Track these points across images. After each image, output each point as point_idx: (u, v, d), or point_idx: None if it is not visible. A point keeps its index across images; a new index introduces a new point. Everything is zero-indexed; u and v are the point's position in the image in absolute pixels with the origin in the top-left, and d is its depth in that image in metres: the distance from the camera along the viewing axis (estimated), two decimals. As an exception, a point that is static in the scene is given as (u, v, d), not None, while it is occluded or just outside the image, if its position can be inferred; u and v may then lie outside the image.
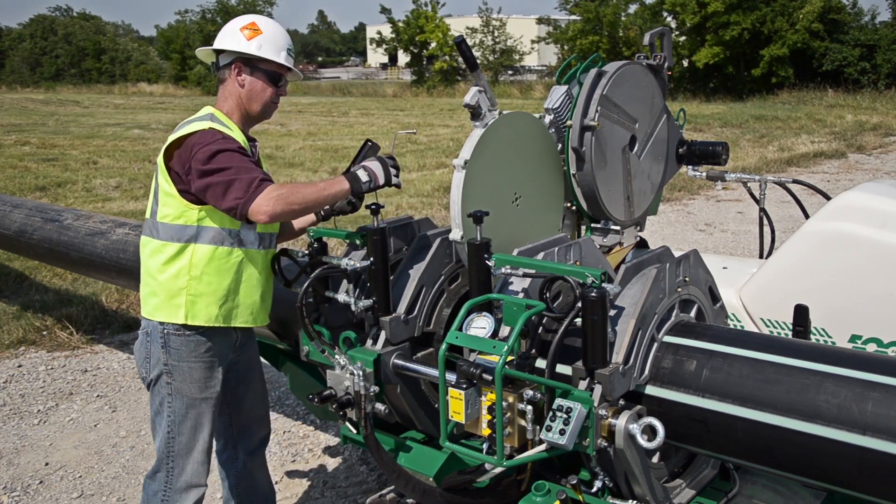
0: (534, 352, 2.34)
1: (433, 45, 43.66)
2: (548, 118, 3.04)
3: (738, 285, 3.27)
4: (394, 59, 61.59)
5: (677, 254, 2.50)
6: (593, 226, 3.22)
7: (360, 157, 2.84)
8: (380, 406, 2.65)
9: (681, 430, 2.26)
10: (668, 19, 33.64)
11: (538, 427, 2.14)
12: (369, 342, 2.72)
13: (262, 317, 2.89)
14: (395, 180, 2.74)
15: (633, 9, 35.81)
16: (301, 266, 2.86)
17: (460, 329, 2.24)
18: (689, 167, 3.70)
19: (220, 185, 2.53)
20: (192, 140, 2.60)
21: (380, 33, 48.89)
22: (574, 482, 2.34)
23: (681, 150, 3.55)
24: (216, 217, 2.66)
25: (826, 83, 29.74)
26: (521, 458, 2.19)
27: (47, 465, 4.26)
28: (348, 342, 2.71)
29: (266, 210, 2.49)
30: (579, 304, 2.17)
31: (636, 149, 3.24)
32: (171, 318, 2.70)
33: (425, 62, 45.20)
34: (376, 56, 71.11)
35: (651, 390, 2.29)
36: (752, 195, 4.00)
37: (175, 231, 2.68)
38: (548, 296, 2.26)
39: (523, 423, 2.16)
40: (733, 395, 2.17)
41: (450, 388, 2.19)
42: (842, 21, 31.78)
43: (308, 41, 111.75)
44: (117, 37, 61.56)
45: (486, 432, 2.17)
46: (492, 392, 2.13)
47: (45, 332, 6.20)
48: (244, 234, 2.74)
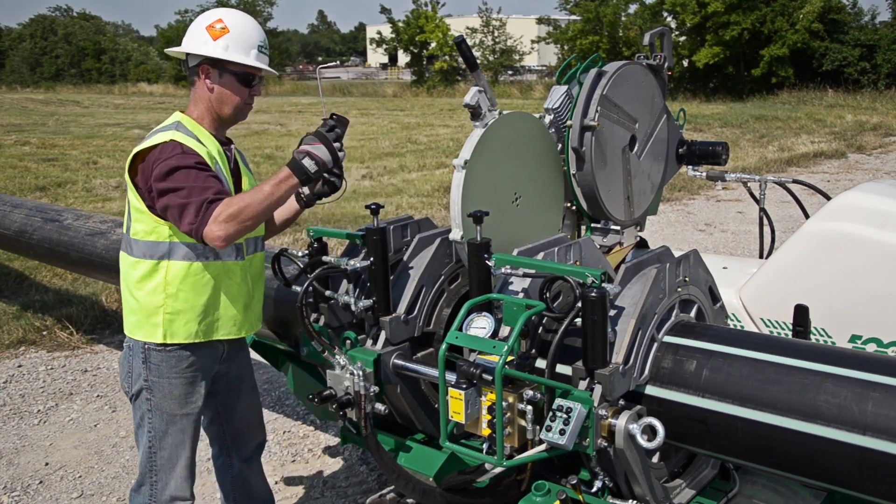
0: (534, 352, 2.34)
1: (433, 45, 43.66)
2: (548, 118, 3.04)
3: (738, 285, 3.27)
4: (394, 59, 61.60)
5: (677, 254, 2.50)
6: (593, 226, 3.22)
7: (330, 132, 2.57)
8: (380, 406, 2.65)
9: (681, 430, 2.26)
10: (668, 19, 33.64)
11: (538, 427, 2.14)
12: (369, 342, 2.72)
13: (248, 326, 2.81)
14: (341, 154, 2.54)
15: (633, 9, 35.85)
16: (301, 266, 2.86)
17: (460, 329, 2.24)
18: (689, 167, 3.71)
19: (176, 208, 2.46)
20: (152, 155, 2.51)
21: (380, 33, 48.90)
22: (574, 482, 2.34)
23: (681, 150, 3.56)
24: None
25: (826, 83, 29.74)
26: (521, 458, 2.19)
27: (47, 465, 4.26)
28: (348, 342, 2.71)
29: (219, 235, 2.40)
30: (579, 304, 2.17)
31: (636, 149, 3.24)
32: (149, 338, 2.63)
33: (425, 62, 45.20)
34: (376, 56, 71.12)
35: (651, 390, 2.29)
36: (752, 195, 4.00)
37: (147, 248, 2.60)
38: (548, 296, 2.26)
39: (523, 423, 2.16)
40: (733, 395, 2.17)
41: (450, 388, 2.19)
42: (842, 21, 31.78)
43: (308, 41, 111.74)
44: (117, 37, 61.54)
45: (486, 432, 2.17)
46: (492, 392, 2.13)
47: (45, 332, 6.20)
48: (221, 248, 2.61)
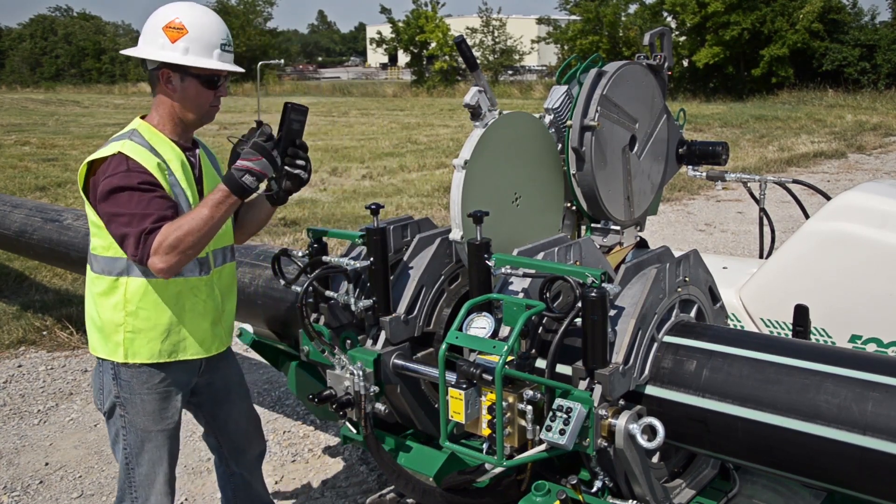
0: (534, 352, 2.34)
1: (433, 45, 43.68)
2: (548, 118, 3.04)
3: (738, 285, 3.27)
4: (394, 59, 61.60)
5: (677, 254, 2.50)
6: (593, 226, 3.22)
7: (282, 124, 2.47)
8: (380, 406, 2.65)
9: (681, 430, 2.26)
10: (668, 19, 33.65)
11: (538, 427, 2.14)
12: (369, 342, 2.72)
13: (217, 343, 2.71)
14: (296, 167, 2.42)
15: (633, 9, 35.85)
16: (301, 266, 2.86)
17: (460, 329, 2.24)
18: (689, 167, 3.71)
19: (118, 237, 2.39)
20: (100, 170, 2.41)
21: (380, 33, 48.92)
22: (574, 482, 2.34)
23: (681, 150, 3.56)
24: None
25: (826, 83, 29.74)
26: (521, 458, 2.19)
27: (47, 465, 4.26)
28: (348, 342, 2.71)
29: (160, 268, 2.34)
30: (579, 304, 2.17)
31: (636, 149, 3.24)
32: (111, 356, 2.55)
33: (425, 62, 45.21)
34: (376, 56, 71.12)
35: (651, 390, 2.29)
36: (752, 195, 4.00)
37: (106, 263, 2.50)
38: (548, 296, 2.26)
39: (523, 423, 2.16)
40: (733, 395, 2.17)
41: (450, 388, 2.19)
42: (842, 21, 31.79)
43: (308, 41, 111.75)
44: (117, 37, 61.54)
45: (486, 432, 2.17)
46: (492, 392, 2.13)
47: (45, 332, 6.20)
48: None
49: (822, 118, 21.71)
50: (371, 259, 2.66)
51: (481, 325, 2.26)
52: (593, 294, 2.10)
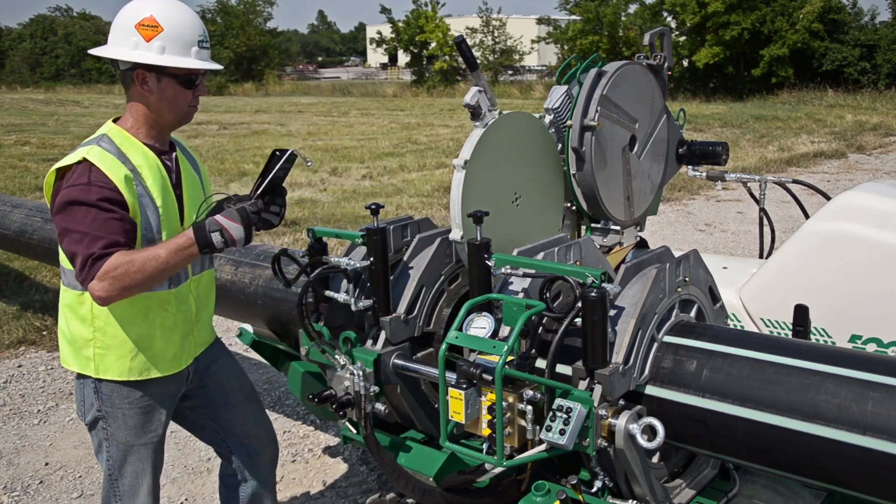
0: (534, 352, 2.34)
1: (433, 45, 43.67)
2: (548, 118, 3.04)
3: (738, 285, 3.27)
4: (394, 59, 61.61)
5: (677, 254, 2.50)
6: (593, 226, 3.22)
7: (267, 170, 2.40)
8: (380, 406, 2.65)
9: (681, 430, 2.26)
10: (668, 19, 33.65)
11: (538, 427, 2.14)
12: (369, 342, 2.72)
13: (186, 356, 2.60)
14: (270, 213, 2.35)
15: (633, 9, 35.85)
16: (301, 266, 2.86)
17: (460, 329, 2.24)
18: (689, 167, 3.71)
19: (67, 252, 2.29)
20: (64, 177, 2.30)
21: (380, 33, 48.91)
22: (574, 482, 2.34)
23: (681, 150, 3.56)
24: None
25: (826, 83, 29.74)
26: (521, 458, 2.19)
27: (47, 465, 4.26)
28: (348, 342, 2.71)
29: (99, 295, 2.24)
30: (579, 304, 2.17)
31: (636, 149, 3.24)
32: (82, 370, 2.47)
33: (425, 62, 45.22)
34: (376, 56, 71.13)
35: (651, 390, 2.29)
36: (752, 195, 4.00)
37: (72, 277, 2.37)
38: (548, 296, 2.26)
39: (523, 423, 2.16)
40: (733, 395, 2.17)
41: (450, 388, 2.19)
42: (842, 21, 31.79)
43: (308, 41, 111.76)
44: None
45: (486, 432, 2.17)
46: (492, 392, 2.13)
47: (45, 332, 6.20)
48: None
49: (822, 118, 21.72)
50: (371, 259, 2.66)
51: (481, 325, 2.26)
52: (593, 294, 2.10)
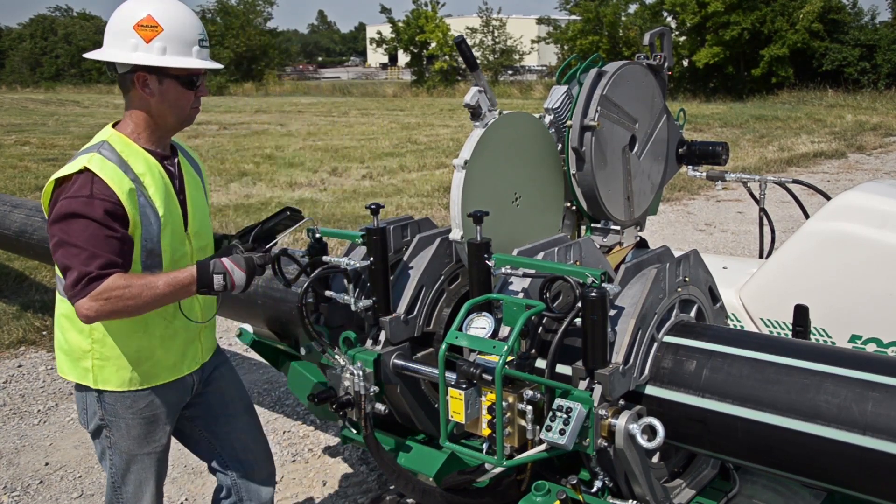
0: (534, 352, 2.34)
1: (433, 45, 43.67)
2: (548, 118, 3.04)
3: (738, 285, 3.27)
4: (394, 59, 61.61)
5: (677, 254, 2.50)
6: (593, 226, 3.22)
7: (269, 221, 2.54)
8: (380, 406, 2.65)
9: (681, 430, 2.26)
10: (668, 19, 33.65)
11: (538, 427, 2.14)
12: (369, 342, 2.72)
13: (189, 362, 2.53)
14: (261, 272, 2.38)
15: (633, 9, 35.85)
16: (301, 266, 2.86)
17: (460, 329, 2.24)
18: (689, 167, 3.71)
19: (61, 265, 2.22)
20: (63, 187, 2.22)
21: (380, 33, 48.91)
22: (574, 482, 2.34)
23: (681, 150, 3.56)
24: None
25: (826, 83, 29.74)
26: (521, 458, 2.19)
27: (47, 465, 4.26)
28: (348, 342, 2.71)
29: (86, 314, 2.18)
30: (579, 304, 2.17)
31: (636, 149, 3.24)
32: (81, 380, 2.42)
33: (425, 62, 45.21)
34: (376, 56, 71.13)
35: (651, 390, 2.29)
36: (752, 195, 4.00)
37: None
38: (548, 296, 2.26)
39: (523, 423, 2.16)
40: (733, 395, 2.17)
41: (450, 388, 2.19)
42: (842, 21, 31.78)
43: (308, 41, 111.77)
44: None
45: (486, 432, 2.17)
46: (492, 392, 2.13)
47: (44, 332, 6.19)
48: None
49: (822, 118, 21.71)
50: (371, 259, 2.66)
51: (481, 325, 2.26)
52: (593, 294, 2.10)
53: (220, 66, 2.49)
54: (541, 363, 2.31)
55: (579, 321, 2.17)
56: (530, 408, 2.15)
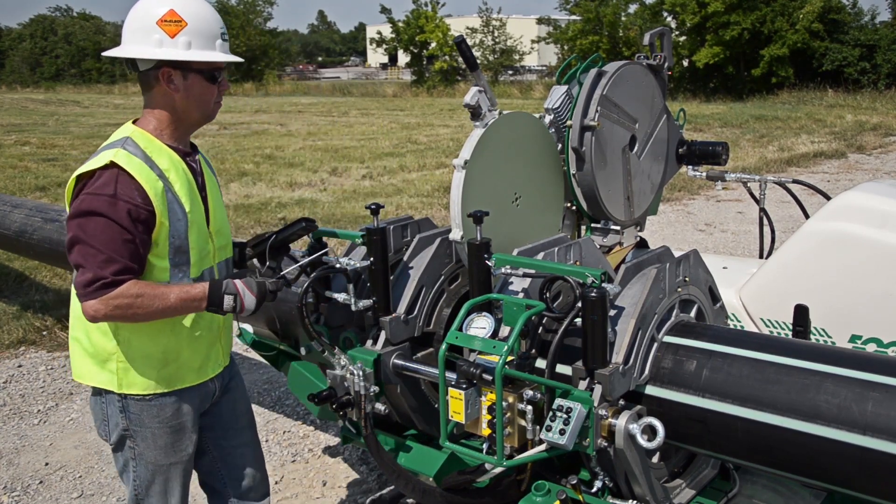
0: (534, 352, 2.34)
1: (433, 45, 43.66)
2: (548, 118, 3.04)
3: (738, 285, 3.27)
4: (394, 59, 61.60)
5: (677, 254, 2.50)
6: (593, 226, 3.22)
7: (284, 231, 2.62)
8: (380, 406, 2.65)
9: (681, 430, 2.26)
10: (668, 19, 33.64)
11: (538, 427, 2.14)
12: (369, 342, 2.72)
13: (213, 364, 2.49)
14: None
15: (633, 9, 35.84)
16: (301, 266, 2.86)
17: (460, 329, 2.24)
18: (689, 167, 3.71)
19: (74, 262, 2.18)
20: (87, 182, 2.19)
21: (380, 33, 48.91)
22: (574, 482, 2.34)
23: (681, 150, 3.56)
24: None
25: (826, 83, 29.73)
26: (521, 458, 2.19)
27: (47, 465, 4.26)
28: (348, 342, 2.71)
29: (92, 315, 2.16)
30: (579, 304, 2.17)
31: (636, 149, 3.24)
32: (105, 385, 2.34)
33: (425, 62, 45.20)
34: (376, 56, 71.13)
35: (651, 390, 2.29)
36: (752, 195, 4.00)
37: None
38: (548, 296, 2.26)
39: (523, 423, 2.16)
40: (733, 395, 2.17)
41: (450, 388, 2.19)
42: (842, 21, 31.77)
43: (308, 41, 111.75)
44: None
45: (486, 432, 2.17)
46: (492, 392, 2.13)
47: (45, 332, 6.20)
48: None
49: (822, 118, 21.71)
50: (371, 259, 2.66)
51: (481, 325, 2.26)
52: (593, 294, 2.10)
53: (241, 59, 2.47)
54: (541, 363, 2.31)
55: (579, 321, 2.17)
56: (530, 408, 2.15)
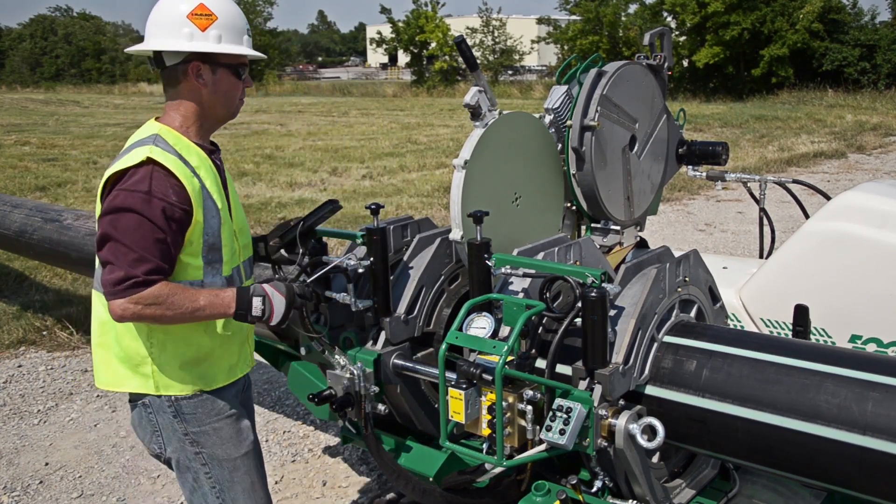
0: (534, 352, 2.34)
1: (433, 45, 43.67)
2: (548, 118, 3.04)
3: (738, 285, 3.27)
4: (394, 59, 61.60)
5: (677, 254, 2.50)
6: (593, 226, 3.22)
7: (311, 217, 2.57)
8: (380, 406, 2.65)
9: (681, 430, 2.26)
10: (668, 19, 33.64)
11: (538, 427, 2.14)
12: (369, 342, 2.72)
13: (242, 364, 2.45)
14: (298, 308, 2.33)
15: (633, 9, 35.84)
16: (301, 266, 2.85)
17: (460, 329, 2.24)
18: (689, 167, 3.71)
19: (104, 259, 2.11)
20: (123, 178, 2.11)
21: (380, 33, 48.91)
22: (574, 482, 2.34)
23: (681, 150, 3.56)
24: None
25: (826, 83, 29.73)
26: (521, 458, 2.19)
27: (47, 465, 4.26)
28: (348, 342, 2.71)
29: (119, 314, 2.09)
30: (579, 304, 2.17)
31: (636, 149, 3.24)
32: (140, 389, 2.28)
33: (425, 62, 45.21)
34: (376, 56, 71.13)
35: (651, 390, 2.29)
36: (752, 195, 4.00)
37: None
38: (548, 296, 2.26)
39: (523, 423, 2.16)
40: (733, 395, 2.17)
41: (450, 388, 2.19)
42: (842, 21, 31.77)
43: (308, 41, 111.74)
44: (117, 37, 61.64)
45: (486, 432, 2.17)
46: (492, 392, 2.13)
47: (45, 332, 6.19)
48: (210, 284, 2.24)
49: (822, 118, 21.71)
50: (371, 259, 2.66)
51: (481, 325, 2.26)
52: (593, 294, 2.10)
53: (262, 55, 2.42)
54: (541, 363, 2.31)
55: (579, 321, 2.17)
56: (530, 408, 2.15)
